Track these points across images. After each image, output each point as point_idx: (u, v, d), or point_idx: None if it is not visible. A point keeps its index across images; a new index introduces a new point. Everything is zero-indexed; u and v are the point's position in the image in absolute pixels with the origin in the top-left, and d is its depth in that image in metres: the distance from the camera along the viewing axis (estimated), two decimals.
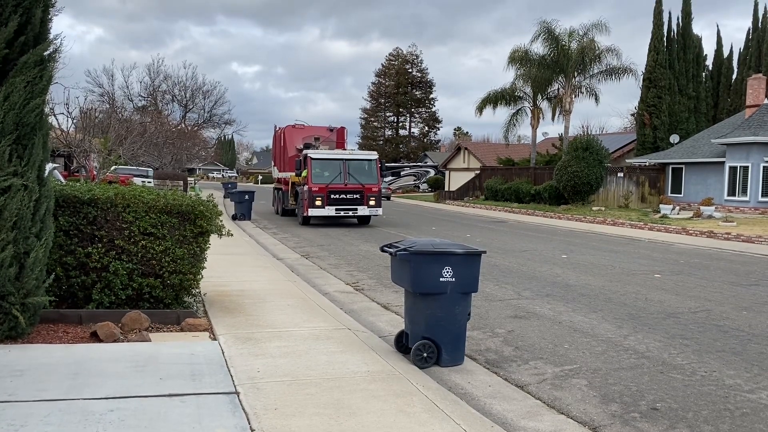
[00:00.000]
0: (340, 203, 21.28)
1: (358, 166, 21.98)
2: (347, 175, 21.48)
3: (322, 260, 13.46)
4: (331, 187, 21.18)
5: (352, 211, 21.57)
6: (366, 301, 9.18)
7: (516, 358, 6.47)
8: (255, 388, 4.85)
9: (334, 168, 21.52)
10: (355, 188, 21.52)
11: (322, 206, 21.05)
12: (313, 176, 21.11)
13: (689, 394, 5.43)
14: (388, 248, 6.28)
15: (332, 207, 21.16)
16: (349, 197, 21.37)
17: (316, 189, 21.02)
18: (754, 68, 37.75)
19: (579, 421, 4.82)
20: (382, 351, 6.17)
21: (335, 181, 21.25)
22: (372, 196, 21.77)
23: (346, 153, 23.11)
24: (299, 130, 26.24)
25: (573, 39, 37.59)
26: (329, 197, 21.14)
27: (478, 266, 6.17)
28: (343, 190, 21.32)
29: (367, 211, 21.76)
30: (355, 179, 21.55)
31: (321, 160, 21.57)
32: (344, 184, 21.35)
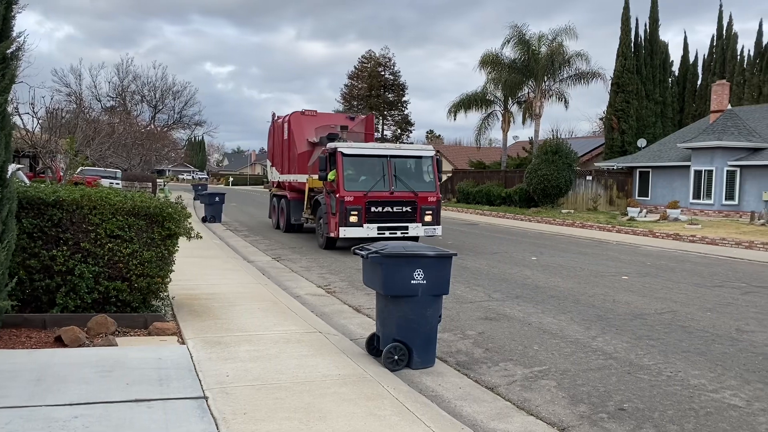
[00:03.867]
0: (384, 219, 14.88)
1: (408, 165, 15.83)
2: (394, 180, 15.10)
3: (294, 263, 13.38)
4: (372, 196, 14.74)
5: (401, 230, 14.99)
6: (338, 304, 9.15)
7: (486, 360, 6.51)
8: (224, 392, 4.79)
9: (375, 169, 15.18)
10: (406, 198, 15.08)
11: (359, 223, 14.60)
12: (345, 180, 14.71)
13: (655, 394, 5.52)
14: (359, 251, 6.27)
15: (373, 225, 14.67)
16: (396, 211, 15.00)
17: (350, 199, 14.55)
18: (718, 74, 38.66)
19: (548, 422, 4.87)
20: (353, 354, 6.15)
21: (377, 187, 14.88)
22: (429, 209, 15.30)
23: (393, 147, 16.03)
24: (310, 117, 19.50)
25: (543, 43, 38.06)
26: (369, 211, 14.73)
27: (449, 269, 6.20)
28: (389, 200, 14.91)
29: (421, 231, 15.23)
30: (404, 185, 15.17)
31: (357, 158, 15.20)
32: (390, 191, 14.93)
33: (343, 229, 14.56)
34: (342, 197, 14.51)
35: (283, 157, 20.59)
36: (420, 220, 15.22)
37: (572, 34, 37.46)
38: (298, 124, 19.30)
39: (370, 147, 15.83)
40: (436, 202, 15.47)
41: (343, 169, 14.76)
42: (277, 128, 21.49)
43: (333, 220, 14.82)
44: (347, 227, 14.53)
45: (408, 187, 15.17)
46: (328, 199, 15.16)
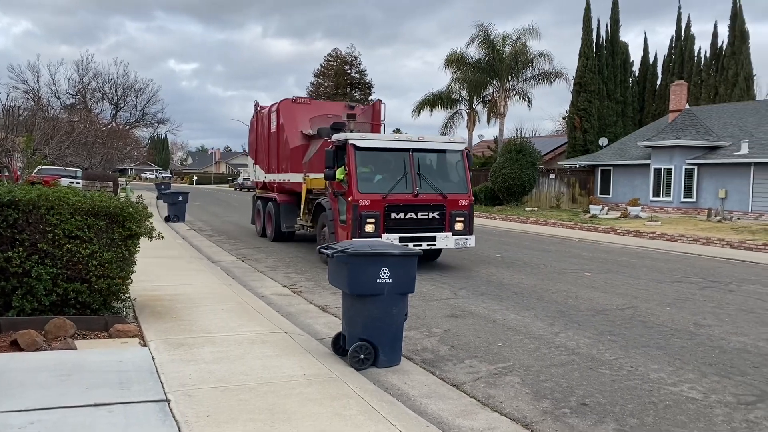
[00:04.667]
0: (407, 228, 11.98)
1: (434, 161, 13.09)
2: (418, 179, 12.18)
3: (259, 262, 13.26)
4: (392, 199, 11.87)
5: (427, 241, 12.05)
6: (303, 304, 9.10)
7: (452, 357, 6.55)
8: (187, 395, 4.72)
9: (394, 166, 12.36)
10: (433, 201, 12.20)
11: (376, 233, 11.69)
12: (359, 180, 11.84)
13: (616, 389, 5.62)
14: (325, 250, 6.25)
15: (393, 235, 11.72)
16: (421, 217, 12.09)
17: (366, 203, 11.68)
18: (677, 75, 39.60)
19: (512, 418, 4.92)
20: (319, 354, 6.12)
21: (397, 188, 12.00)
22: (460, 214, 12.37)
23: (415, 139, 12.70)
24: (303, 106, 16.75)
25: (507, 43, 38.48)
26: (388, 217, 11.81)
27: (414, 267, 6.21)
28: (413, 204, 12.04)
29: (451, 242, 12.26)
30: (430, 185, 12.25)
31: (373, 152, 12.29)
32: (414, 194, 12.04)
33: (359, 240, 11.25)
34: (356, 201, 11.52)
35: (270, 153, 17.67)
36: (449, 229, 12.23)
37: (535, 34, 37.99)
38: (290, 114, 16.29)
39: (389, 138, 12.91)
40: (469, 206, 12.50)
41: (356, 166, 11.79)
42: (262, 120, 18.32)
43: (343, 228, 11.90)
44: (363, 238, 11.20)
45: (435, 188, 12.21)
46: (335, 202, 12.42)
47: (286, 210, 16.60)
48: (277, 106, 16.85)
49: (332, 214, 12.55)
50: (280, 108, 16.65)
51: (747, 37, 38.03)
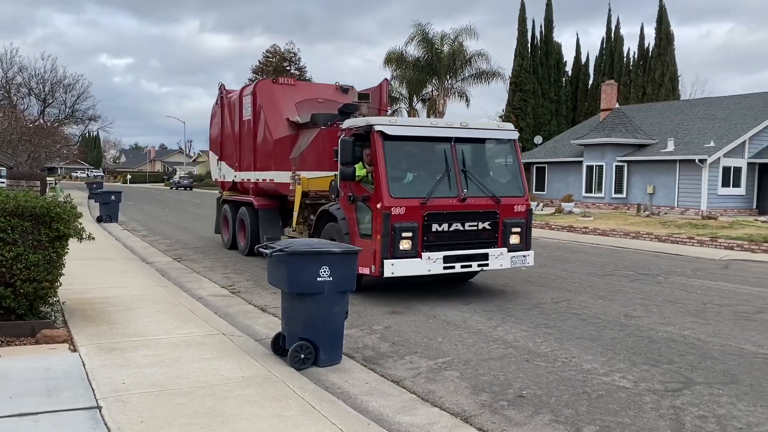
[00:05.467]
0: (453, 242, 9.08)
1: (481, 155, 10.19)
2: (463, 178, 9.27)
3: (196, 263, 12.97)
4: (434, 205, 8.92)
5: (478, 260, 9.24)
6: (242, 304, 8.95)
7: (392, 354, 6.57)
8: (119, 401, 4.57)
9: (431, 160, 9.60)
10: (483, 207, 9.32)
11: (414, 252, 8.76)
12: (390, 181, 8.85)
13: (552, 380, 5.78)
14: (263, 249, 6.16)
15: (437, 253, 8.89)
16: (470, 229, 9.20)
17: (400, 211, 8.71)
18: (607, 75, 41.02)
19: (451, 412, 4.98)
20: (258, 355, 6.04)
21: (439, 192, 9.03)
22: (516, 224, 9.57)
23: (457, 125, 9.60)
24: (286, 88, 13.69)
25: (445, 43, 38.95)
26: (428, 230, 8.89)
27: (355, 265, 6.21)
28: (460, 212, 9.12)
29: (507, 260, 9.47)
30: (480, 187, 9.36)
31: (407, 142, 9.41)
32: (460, 198, 9.10)
33: (391, 262, 8.51)
34: (387, 208, 8.52)
35: (242, 147, 14.40)
36: (503, 243, 9.38)
37: (473, 34, 38.61)
38: (270, 98, 13.18)
39: (427, 125, 9.90)
40: (526, 213, 9.61)
41: (386, 162, 8.80)
42: (230, 107, 15.00)
43: (366, 246, 8.64)
44: (397, 259, 8.56)
45: (486, 190, 9.28)
46: (351, 210, 9.31)
47: (266, 217, 13.37)
48: (253, 89, 13.65)
49: (347, 225, 9.31)
50: (257, 90, 13.38)
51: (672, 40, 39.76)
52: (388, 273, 8.55)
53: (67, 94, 52.52)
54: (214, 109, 16.36)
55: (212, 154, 16.99)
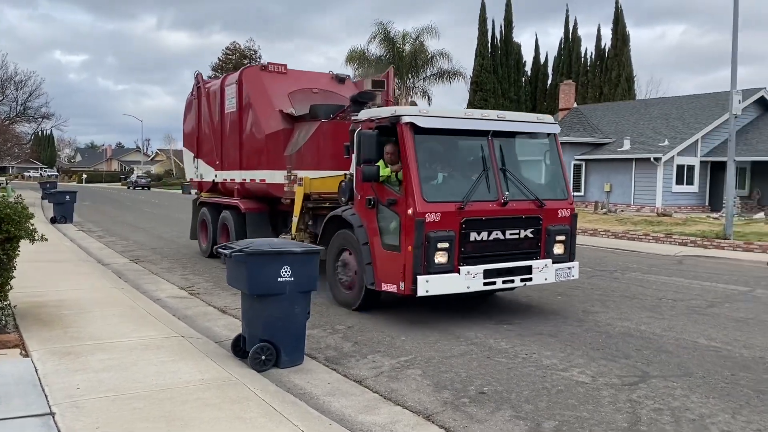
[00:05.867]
0: (493, 254, 7.79)
1: (520, 151, 8.74)
2: (503, 178, 8.00)
3: (154, 264, 12.72)
4: (473, 210, 7.62)
5: (521, 274, 7.92)
6: (202, 306, 8.81)
7: (355, 353, 6.56)
8: (74, 406, 4.44)
9: (467, 157, 8.42)
10: (525, 212, 8.08)
11: (449, 264, 7.44)
12: (422, 182, 7.49)
13: (512, 377, 5.84)
14: (222, 249, 6.07)
15: (476, 267, 7.53)
16: (510, 238, 7.93)
17: (435, 218, 7.35)
18: (565, 75, 41.71)
19: (413, 410, 4.99)
20: (218, 357, 5.95)
21: (477, 194, 7.73)
22: (560, 231, 8.34)
23: (494, 117, 8.19)
24: (277, 76, 12.06)
25: (407, 41, 39.09)
26: (466, 239, 7.56)
27: (316, 264, 6.16)
28: (500, 217, 7.85)
29: (551, 273, 8.19)
30: (521, 188, 8.11)
31: (441, 136, 8.09)
32: (500, 201, 7.82)
33: (425, 279, 7.20)
34: (420, 215, 7.21)
35: (225, 142, 12.76)
36: (546, 253, 8.14)
37: (434, 33, 38.87)
38: (260, 87, 11.67)
39: (462, 116, 7.99)
40: (570, 219, 8.43)
41: (418, 160, 7.49)
42: (210, 98, 13.31)
43: (392, 259, 7.53)
44: (433, 275, 7.27)
45: (528, 192, 8.05)
46: (371, 217, 7.93)
47: (255, 223, 11.87)
48: (238, 77, 12.05)
49: (365, 234, 7.97)
50: (243, 79, 11.89)
51: (628, 41, 40.68)
52: (422, 291, 7.17)
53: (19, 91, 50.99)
54: (188, 101, 14.66)
55: (187, 151, 15.03)
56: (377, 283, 7.77)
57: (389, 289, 7.64)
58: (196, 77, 14.19)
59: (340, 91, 12.32)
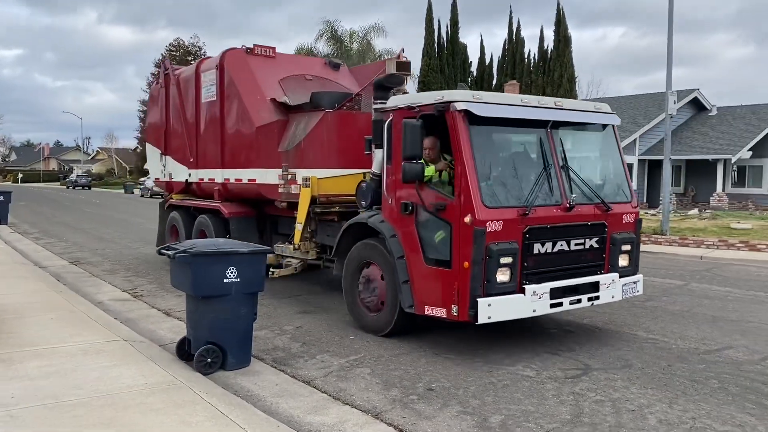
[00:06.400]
0: (558, 268, 6.53)
1: (579, 146, 7.51)
2: (565, 177, 6.72)
3: (95, 266, 12.33)
4: (537, 217, 6.30)
5: (588, 292, 6.69)
6: (145, 309, 8.60)
7: (303, 354, 6.52)
8: (9, 416, 4.27)
9: (524, 153, 7.05)
10: (590, 218, 6.80)
11: (512, 283, 6.14)
12: (479, 181, 6.11)
13: (459, 372, 5.92)
14: (166, 250, 5.94)
15: (542, 285, 6.27)
16: (575, 249, 6.66)
17: (497, 227, 6.01)
18: (510, 75, 42.47)
19: (362, 409, 5.00)
20: (162, 360, 5.82)
21: (540, 197, 6.42)
22: (626, 240, 7.13)
23: (551, 105, 6.86)
24: (265, 60, 10.54)
25: (354, 40, 39.06)
26: (529, 252, 6.26)
27: (263, 264, 6.10)
28: (566, 224, 6.57)
29: (618, 290, 7.01)
30: (585, 190, 6.85)
31: (499, 128, 6.76)
32: (565, 205, 6.55)
33: (486, 302, 5.97)
34: (481, 223, 5.97)
35: (201, 136, 11.22)
36: (611, 266, 7.03)
37: (381, 32, 39.02)
38: (245, 72, 10.13)
39: (519, 103, 6.67)
40: (635, 224, 7.32)
41: (475, 158, 6.18)
42: (181, 86, 11.71)
43: (443, 278, 6.24)
44: (494, 296, 6.03)
45: (592, 194, 6.89)
46: (406, 225, 6.66)
47: (241, 230, 10.29)
48: (219, 61, 10.45)
49: (399, 246, 6.69)
50: (226, 63, 10.32)
51: (570, 42, 41.71)
52: (484, 317, 5.94)
53: None
54: (153, 91, 13.33)
55: (152, 148, 13.31)
56: (417, 306, 6.46)
57: (435, 314, 6.32)
58: (164, 63, 12.80)
59: (337, 79, 11.01)
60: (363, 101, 9.16)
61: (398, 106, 6.98)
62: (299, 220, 8.76)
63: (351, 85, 10.89)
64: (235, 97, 10.13)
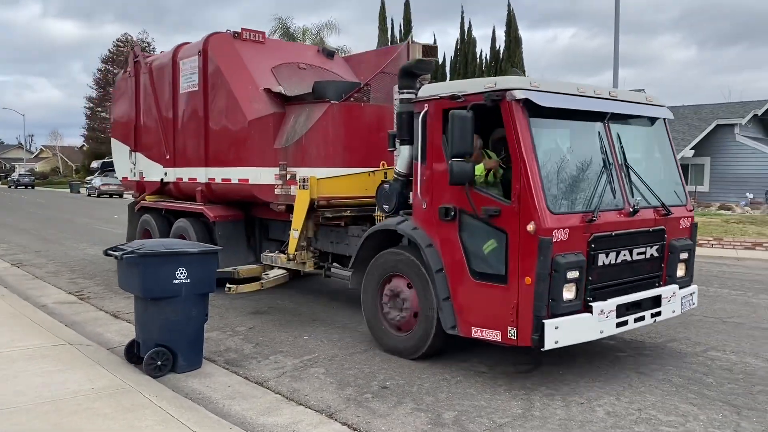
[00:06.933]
0: (622, 282, 5.74)
1: (634, 142, 6.45)
2: (625, 177, 5.93)
3: (39, 268, 11.92)
4: (602, 223, 5.51)
5: (648, 307, 5.90)
6: (92, 311, 8.36)
7: (256, 355, 6.45)
8: None
9: (583, 149, 6.01)
10: (651, 224, 6.03)
11: (577, 300, 5.33)
12: (544, 183, 5.30)
13: (414, 370, 5.95)
14: (113, 251, 5.79)
15: (609, 301, 5.48)
16: (637, 258, 5.87)
17: (563, 237, 5.21)
18: (462, 75, 42.93)
19: (316, 409, 4.98)
20: (110, 364, 5.67)
21: (603, 201, 5.63)
22: (683, 246, 6.36)
23: (605, 94, 6.04)
24: (255, 46, 9.47)
25: (307, 37, 38.76)
26: (593, 264, 5.45)
27: (214, 265, 6.02)
28: (630, 231, 5.79)
29: (678, 303, 6.23)
30: (645, 191, 6.05)
31: (560, 120, 5.91)
32: (628, 209, 5.76)
33: (554, 324, 5.17)
34: (547, 232, 5.17)
35: (178, 130, 10.18)
36: (669, 277, 6.29)
37: (335, 29, 38.84)
38: (234, 59, 9.14)
39: (575, 90, 5.85)
40: (691, 229, 6.62)
41: (537, 155, 5.39)
42: (154, 75, 10.69)
43: (496, 295, 5.44)
44: (560, 317, 5.24)
45: (653, 196, 6.14)
46: (447, 233, 5.85)
47: (228, 235, 9.33)
48: (203, 46, 9.33)
49: (438, 258, 5.88)
50: (211, 49, 9.25)
51: (520, 43, 42.43)
52: (551, 343, 5.15)
53: None
54: (120, 81, 12.15)
55: (118, 144, 12.08)
56: (462, 327, 5.70)
57: (486, 337, 5.53)
58: (133, 50, 11.61)
59: (332, 68, 10.06)
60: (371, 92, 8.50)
61: (439, 95, 5.97)
62: (295, 227, 7.69)
63: (347, 75, 10.00)
64: (222, 86, 9.06)
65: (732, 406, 5.11)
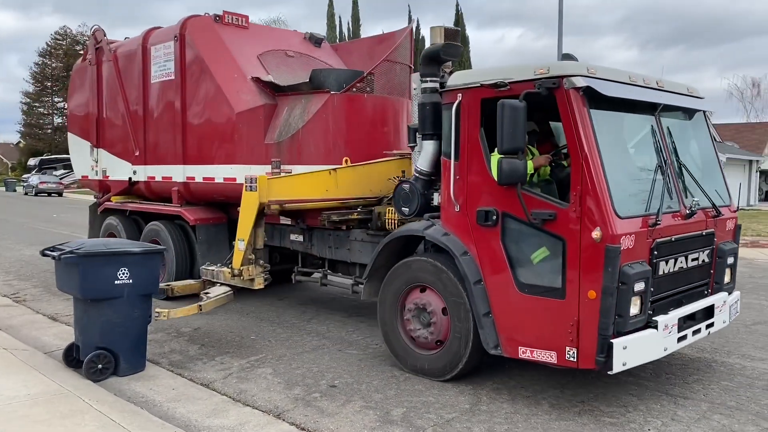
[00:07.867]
0: (678, 292, 5.30)
1: (682, 136, 5.82)
2: (678, 175, 5.45)
3: None
4: (665, 227, 4.99)
5: (702, 319, 5.43)
6: (29, 314, 8.04)
7: (202, 356, 6.33)
8: None
9: (640, 145, 5.57)
10: (704, 226, 5.54)
11: (642, 316, 4.78)
12: (610, 184, 4.66)
13: (363, 368, 5.95)
14: (50, 251, 5.58)
15: (671, 314, 5.01)
16: (692, 265, 5.39)
17: (629, 245, 4.62)
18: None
19: (264, 410, 4.92)
20: (48, 369, 5.47)
21: (660, 203, 4.97)
22: (729, 250, 5.88)
23: (654, 84, 5.43)
24: (239, 31, 8.61)
25: None
26: (655, 273, 4.91)
27: (158, 265, 5.89)
28: (686, 236, 5.30)
29: (727, 311, 5.79)
30: (694, 191, 5.51)
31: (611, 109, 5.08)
32: (684, 211, 5.27)
33: (622, 344, 4.59)
34: (615, 239, 4.55)
35: (149, 124, 9.26)
36: (717, 284, 5.83)
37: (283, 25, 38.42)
38: (216, 45, 8.34)
39: (626, 78, 5.23)
40: (735, 232, 6.16)
41: (600, 151, 4.75)
42: (120, 62, 9.72)
43: (551, 310, 4.82)
44: (627, 335, 4.67)
45: (705, 196, 5.61)
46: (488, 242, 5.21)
47: (210, 240, 8.65)
48: (179, 30, 8.47)
49: (476, 268, 5.28)
50: (190, 33, 8.43)
51: (468, 42, 42.96)
52: (618, 365, 4.59)
53: None
54: (79, 68, 10.87)
55: (77, 139, 10.91)
56: (507, 347, 5.11)
57: (538, 359, 4.94)
58: (95, 35, 10.31)
59: (320, 56, 9.27)
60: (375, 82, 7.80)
61: (480, 82, 5.28)
62: (240, 236, 6.90)
63: (336, 64, 9.28)
64: (203, 75, 8.19)
65: (669, 396, 5.30)
